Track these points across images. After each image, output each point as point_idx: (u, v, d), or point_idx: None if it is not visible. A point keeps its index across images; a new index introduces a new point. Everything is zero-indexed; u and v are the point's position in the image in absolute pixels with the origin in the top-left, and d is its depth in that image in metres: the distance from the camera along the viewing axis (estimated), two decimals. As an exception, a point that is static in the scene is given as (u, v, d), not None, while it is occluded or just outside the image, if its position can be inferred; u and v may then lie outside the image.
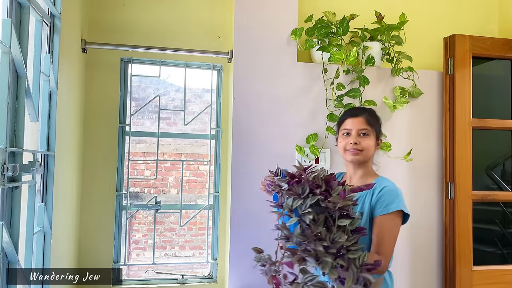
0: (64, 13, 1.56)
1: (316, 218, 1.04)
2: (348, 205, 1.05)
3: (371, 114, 1.45)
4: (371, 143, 1.41)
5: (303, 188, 1.08)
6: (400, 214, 1.33)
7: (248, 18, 1.95)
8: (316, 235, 1.03)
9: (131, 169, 3.79)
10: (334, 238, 1.02)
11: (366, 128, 1.40)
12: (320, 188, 1.07)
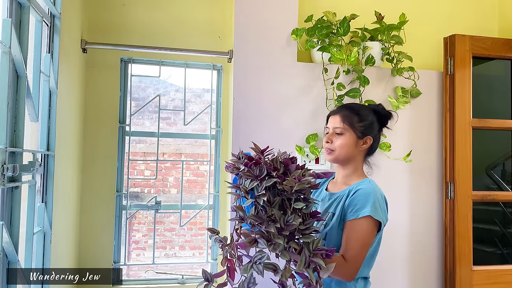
0: (64, 13, 1.56)
1: (271, 200, 1.04)
2: (305, 189, 1.04)
3: (352, 111, 1.36)
4: (345, 142, 1.32)
5: (260, 170, 1.07)
6: (373, 221, 1.21)
7: (248, 18, 1.95)
8: (269, 217, 1.03)
9: (131, 169, 3.78)
10: (288, 220, 1.02)
11: (340, 127, 1.33)
12: (278, 171, 1.06)
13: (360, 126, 1.35)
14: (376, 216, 1.21)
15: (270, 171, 1.06)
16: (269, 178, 1.04)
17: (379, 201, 1.25)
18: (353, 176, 1.36)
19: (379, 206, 1.24)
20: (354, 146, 1.34)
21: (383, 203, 1.27)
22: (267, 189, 1.05)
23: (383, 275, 2.02)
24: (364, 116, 1.37)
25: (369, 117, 1.38)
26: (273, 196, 1.05)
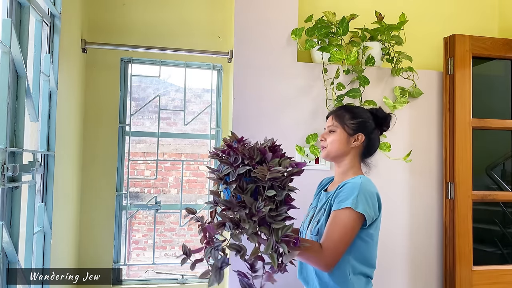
0: (64, 13, 1.56)
1: (243, 187, 1.09)
2: (279, 177, 1.07)
3: (345, 110, 1.42)
4: (336, 138, 1.38)
5: (236, 157, 1.12)
6: (354, 213, 1.23)
7: (248, 18, 1.95)
8: (240, 202, 1.08)
9: (131, 169, 3.78)
10: (259, 206, 1.06)
11: (332, 125, 1.40)
12: (253, 159, 1.11)
13: (352, 124, 1.39)
14: (358, 208, 1.22)
15: (244, 159, 1.10)
16: (243, 166, 1.09)
17: (365, 195, 1.26)
18: (349, 173, 1.39)
19: (364, 199, 1.25)
20: (345, 143, 1.38)
21: (371, 198, 1.28)
22: (240, 176, 1.10)
23: (383, 275, 2.02)
24: (357, 114, 1.41)
25: (362, 116, 1.42)
26: (247, 183, 1.10)
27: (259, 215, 1.06)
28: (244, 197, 1.09)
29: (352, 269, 1.30)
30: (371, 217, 1.26)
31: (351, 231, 1.24)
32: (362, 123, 1.40)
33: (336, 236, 1.24)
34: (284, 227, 1.07)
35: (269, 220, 1.08)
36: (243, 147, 1.13)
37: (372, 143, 1.43)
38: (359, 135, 1.39)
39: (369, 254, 1.34)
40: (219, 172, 1.14)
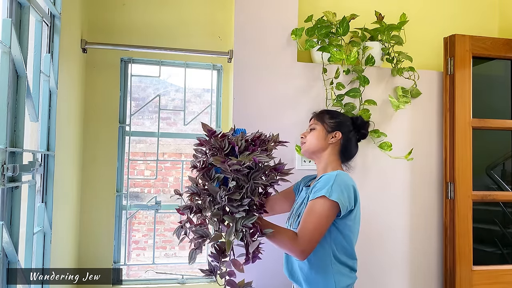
0: (64, 13, 1.56)
1: (212, 176, 1.19)
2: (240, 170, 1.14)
3: (326, 112, 1.56)
4: (315, 134, 1.50)
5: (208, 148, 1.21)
6: (329, 201, 1.28)
7: (248, 18, 1.95)
8: (206, 190, 1.18)
9: (131, 169, 3.78)
10: (221, 195, 1.15)
11: (313, 123, 1.53)
12: (222, 151, 1.19)
13: (330, 122, 1.51)
14: (332, 197, 1.28)
15: (215, 150, 1.19)
16: (212, 156, 1.18)
17: (340, 186, 1.32)
18: (327, 169, 1.47)
19: (338, 189, 1.30)
20: (323, 139, 1.49)
21: (346, 189, 1.33)
22: (207, 166, 1.19)
23: (383, 275, 2.02)
24: (337, 115, 1.54)
25: (341, 117, 1.54)
26: (216, 173, 1.19)
27: (221, 204, 1.14)
28: (208, 185, 1.18)
29: (332, 260, 1.35)
30: (346, 207, 1.31)
31: (326, 219, 1.29)
32: (340, 122, 1.51)
33: (311, 224, 1.29)
34: (243, 217, 1.14)
35: (232, 210, 1.15)
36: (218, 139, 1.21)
37: (349, 143, 1.51)
38: (337, 132, 1.49)
39: (349, 246, 1.38)
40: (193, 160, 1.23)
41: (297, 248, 1.27)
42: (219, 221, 1.16)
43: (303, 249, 1.27)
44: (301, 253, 1.27)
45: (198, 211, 1.18)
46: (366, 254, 2.00)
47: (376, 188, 2.02)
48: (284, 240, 1.28)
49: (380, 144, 1.97)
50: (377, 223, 2.02)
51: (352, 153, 1.54)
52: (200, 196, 1.19)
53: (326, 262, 1.35)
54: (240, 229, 1.13)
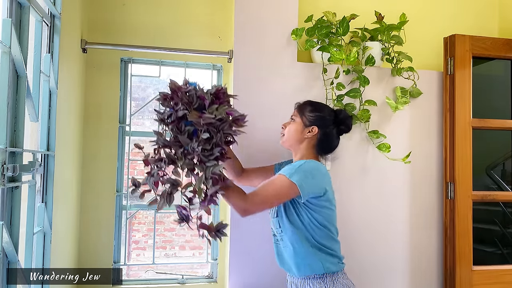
0: (64, 13, 1.56)
1: (182, 129, 1.25)
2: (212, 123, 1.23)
3: (310, 104, 1.57)
4: (293, 127, 1.54)
5: (177, 102, 1.27)
6: (288, 181, 1.36)
7: (248, 18, 1.95)
8: (177, 142, 1.24)
9: (131, 169, 3.78)
10: (193, 147, 1.22)
11: (293, 114, 1.58)
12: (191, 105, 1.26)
13: (310, 116, 1.54)
14: (292, 178, 1.35)
15: (184, 104, 1.25)
16: (182, 110, 1.24)
17: (305, 171, 1.38)
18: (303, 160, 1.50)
19: (302, 174, 1.37)
20: (300, 132, 1.53)
21: (312, 175, 1.39)
22: (180, 119, 1.26)
23: (383, 275, 2.02)
24: (317, 109, 1.56)
25: (322, 111, 1.56)
26: (186, 126, 1.26)
27: (193, 154, 1.23)
28: (180, 137, 1.24)
29: (314, 243, 1.43)
30: (307, 192, 1.37)
31: (279, 194, 1.38)
32: (319, 117, 1.53)
33: (264, 191, 1.38)
34: (215, 165, 1.23)
35: (203, 159, 1.23)
36: (184, 93, 1.27)
37: (326, 138, 1.54)
38: (314, 127, 1.52)
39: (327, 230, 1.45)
40: (162, 114, 1.29)
41: (242, 204, 1.34)
42: (190, 170, 1.25)
43: (246, 208, 1.35)
44: (243, 211, 1.35)
45: (170, 162, 1.24)
46: (366, 254, 2.00)
47: (376, 188, 2.02)
48: (235, 194, 1.35)
49: (378, 146, 1.97)
50: (377, 223, 2.02)
51: (331, 146, 1.58)
52: (170, 148, 1.25)
53: (308, 246, 1.42)
54: (209, 177, 1.23)
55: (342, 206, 1.98)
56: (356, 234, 1.99)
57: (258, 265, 1.85)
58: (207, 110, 1.25)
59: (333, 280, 1.43)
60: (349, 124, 1.59)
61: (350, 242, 1.98)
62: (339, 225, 1.93)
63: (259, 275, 1.86)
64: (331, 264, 1.44)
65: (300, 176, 1.36)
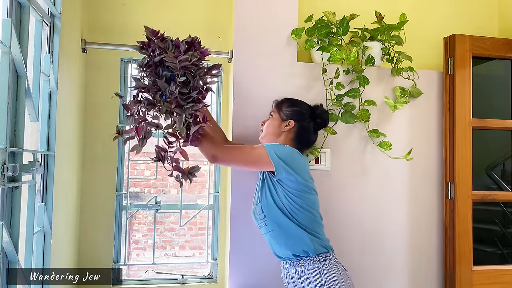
0: (64, 13, 1.56)
1: (160, 74, 1.33)
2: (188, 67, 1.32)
3: (287, 100, 1.67)
4: (271, 122, 1.64)
5: (154, 49, 1.34)
6: (264, 151, 1.47)
7: (248, 18, 1.95)
8: (156, 86, 1.32)
9: (131, 169, 3.78)
10: (171, 90, 1.30)
11: (271, 111, 1.67)
12: (166, 50, 1.33)
13: (287, 110, 1.63)
14: (268, 148, 1.47)
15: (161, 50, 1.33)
16: (158, 56, 1.31)
17: (279, 147, 1.50)
18: None
19: (276, 148, 1.49)
20: (278, 126, 1.62)
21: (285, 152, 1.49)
22: (157, 65, 1.33)
23: (383, 275, 2.02)
24: (294, 104, 1.66)
25: (299, 107, 1.65)
26: (162, 71, 1.33)
27: (171, 98, 1.30)
28: (158, 81, 1.31)
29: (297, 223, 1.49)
30: (277, 162, 1.46)
31: (254, 157, 1.49)
32: (296, 111, 1.63)
33: (238, 148, 1.55)
34: (193, 106, 1.32)
35: (181, 103, 1.31)
36: (160, 41, 1.34)
37: (303, 131, 1.62)
38: (291, 121, 1.61)
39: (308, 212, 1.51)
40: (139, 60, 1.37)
41: (212, 149, 1.44)
42: (169, 112, 1.32)
43: (215, 154, 1.44)
44: (212, 156, 1.44)
45: (149, 104, 1.32)
46: (366, 254, 2.00)
47: (376, 188, 2.03)
48: (210, 139, 1.45)
49: (380, 144, 1.97)
50: (377, 223, 2.02)
51: (308, 140, 1.67)
52: (149, 92, 1.33)
53: (292, 225, 1.48)
54: (189, 117, 1.32)
55: (342, 206, 1.99)
56: (356, 234, 1.99)
57: (258, 265, 1.85)
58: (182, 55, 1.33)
59: (326, 264, 1.47)
60: (325, 118, 1.68)
61: (350, 241, 1.98)
62: (339, 224, 1.93)
63: (259, 275, 1.86)
64: (318, 245, 1.49)
65: (272, 148, 1.47)
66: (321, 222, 1.57)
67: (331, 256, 1.51)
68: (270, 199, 1.52)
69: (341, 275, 1.46)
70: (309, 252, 1.48)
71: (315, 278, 1.44)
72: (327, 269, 1.46)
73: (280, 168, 1.47)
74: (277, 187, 1.51)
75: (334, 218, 1.97)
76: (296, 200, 1.49)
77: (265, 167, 1.50)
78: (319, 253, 1.49)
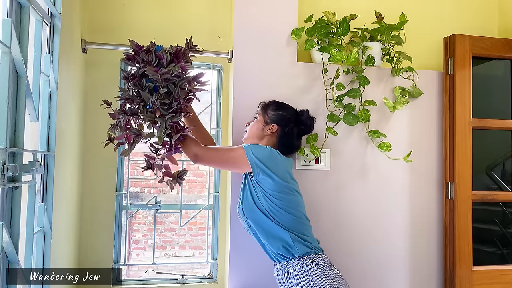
0: (64, 13, 1.56)
1: (144, 85, 1.41)
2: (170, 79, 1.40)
3: (273, 103, 1.67)
4: (255, 124, 1.65)
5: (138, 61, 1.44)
6: (243, 152, 1.48)
7: (248, 18, 1.95)
8: (139, 97, 1.40)
9: (131, 169, 3.78)
10: (153, 100, 1.38)
11: (257, 113, 1.68)
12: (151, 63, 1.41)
13: (272, 114, 1.63)
14: (246, 149, 1.48)
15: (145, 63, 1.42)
16: (142, 68, 1.41)
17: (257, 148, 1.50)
18: None
19: (254, 148, 1.50)
20: (261, 129, 1.62)
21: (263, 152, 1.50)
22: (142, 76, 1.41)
23: (383, 275, 2.02)
24: (279, 109, 1.65)
25: (284, 111, 1.65)
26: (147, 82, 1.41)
27: (153, 108, 1.39)
28: (142, 93, 1.39)
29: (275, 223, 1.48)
30: (254, 162, 1.47)
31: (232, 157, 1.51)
32: (280, 115, 1.63)
33: (219, 149, 1.59)
34: (173, 116, 1.40)
35: (163, 112, 1.39)
36: (145, 53, 1.43)
37: (286, 136, 1.62)
38: (274, 125, 1.61)
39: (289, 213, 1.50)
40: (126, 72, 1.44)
41: (195, 149, 1.48)
42: (152, 122, 1.40)
43: (197, 153, 1.48)
44: (194, 155, 1.48)
45: (133, 114, 1.41)
46: (366, 254, 2.00)
47: (376, 188, 2.03)
48: (192, 141, 1.50)
49: (379, 145, 1.97)
50: (377, 223, 2.02)
51: (291, 146, 1.66)
52: (133, 102, 1.41)
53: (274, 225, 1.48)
54: (169, 127, 1.40)
55: (341, 206, 1.99)
56: (355, 234, 1.99)
57: (258, 265, 1.85)
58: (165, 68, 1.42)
59: (313, 266, 1.45)
60: (309, 125, 1.67)
61: (350, 241, 1.98)
62: (339, 224, 1.93)
63: (259, 275, 1.86)
64: (303, 246, 1.48)
65: (250, 148, 1.49)
66: (307, 223, 1.56)
67: (319, 257, 1.48)
68: (250, 200, 1.52)
69: (330, 276, 1.44)
70: (293, 252, 1.47)
71: (302, 280, 1.44)
72: (314, 271, 1.44)
73: (256, 169, 1.47)
74: (256, 188, 1.51)
75: (334, 218, 1.97)
76: (275, 201, 1.48)
77: (244, 167, 1.50)
78: (304, 254, 1.47)
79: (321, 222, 1.93)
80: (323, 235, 1.85)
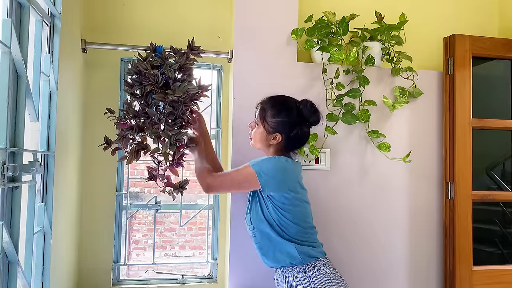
0: (64, 13, 1.56)
1: (150, 102, 1.48)
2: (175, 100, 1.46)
3: (271, 106, 1.54)
4: (258, 133, 1.56)
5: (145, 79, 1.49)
6: (251, 170, 1.45)
7: (248, 18, 1.95)
8: (145, 113, 1.47)
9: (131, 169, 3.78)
10: (159, 117, 1.46)
11: (256, 118, 1.58)
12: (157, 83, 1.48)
13: (272, 122, 1.52)
14: (254, 167, 1.45)
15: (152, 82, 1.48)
16: (148, 86, 1.47)
17: (268, 165, 1.45)
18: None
19: (264, 166, 1.45)
20: (265, 139, 1.54)
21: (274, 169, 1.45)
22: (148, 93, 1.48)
23: (383, 275, 2.02)
24: (279, 114, 1.52)
25: (284, 116, 1.51)
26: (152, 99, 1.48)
27: (158, 124, 1.45)
28: (148, 110, 1.45)
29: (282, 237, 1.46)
30: (264, 180, 1.43)
31: (240, 180, 1.48)
32: (281, 123, 1.51)
33: (229, 175, 1.52)
34: (178, 133, 1.46)
35: (168, 128, 1.46)
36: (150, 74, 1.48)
37: (292, 141, 1.54)
38: (277, 135, 1.51)
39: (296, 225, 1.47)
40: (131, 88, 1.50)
41: (207, 179, 1.48)
42: (157, 137, 1.45)
43: (210, 184, 1.48)
44: (207, 186, 1.48)
45: (139, 130, 1.47)
46: (366, 254, 2.00)
47: (376, 188, 2.03)
48: (202, 168, 1.52)
49: (378, 145, 1.97)
50: (377, 223, 2.02)
51: (300, 143, 1.58)
52: (139, 118, 1.48)
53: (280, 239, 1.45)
54: (174, 143, 1.44)
55: (341, 206, 1.99)
56: (355, 234, 1.99)
57: (258, 265, 1.85)
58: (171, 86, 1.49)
59: (315, 271, 1.44)
60: (313, 120, 1.55)
61: (350, 241, 1.98)
62: (338, 224, 1.94)
63: (259, 275, 1.86)
64: (306, 256, 1.46)
65: (260, 167, 1.44)
66: (313, 231, 1.54)
67: (321, 262, 1.47)
68: (259, 212, 1.49)
69: (332, 281, 1.43)
70: (297, 262, 1.46)
71: (303, 285, 1.42)
72: (316, 276, 1.43)
73: (268, 187, 1.44)
74: (267, 201, 1.47)
75: (334, 218, 1.97)
76: (286, 214, 1.45)
77: (255, 186, 1.46)
78: (307, 261, 1.46)
79: (321, 222, 1.93)
80: (323, 235, 1.84)
